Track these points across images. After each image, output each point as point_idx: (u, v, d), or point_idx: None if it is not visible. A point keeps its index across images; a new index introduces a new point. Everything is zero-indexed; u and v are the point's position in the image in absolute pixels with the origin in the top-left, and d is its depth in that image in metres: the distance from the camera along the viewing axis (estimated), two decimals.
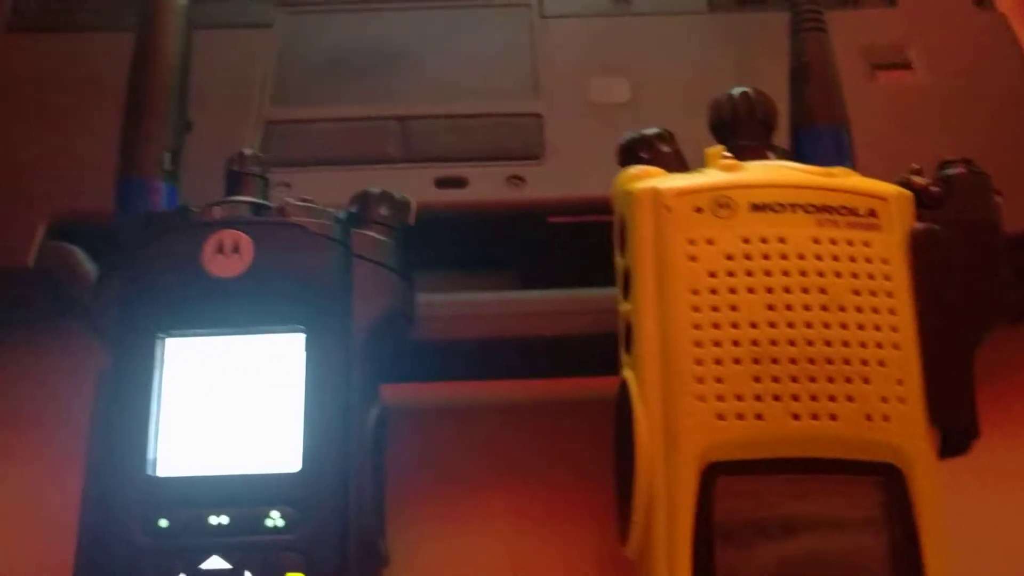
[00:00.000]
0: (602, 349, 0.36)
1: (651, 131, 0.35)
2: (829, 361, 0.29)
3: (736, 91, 0.35)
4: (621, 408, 0.31)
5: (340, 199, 0.37)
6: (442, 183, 0.41)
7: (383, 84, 0.45)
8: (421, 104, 0.44)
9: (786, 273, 0.30)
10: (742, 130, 0.34)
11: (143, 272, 0.33)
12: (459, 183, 0.41)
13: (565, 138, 0.43)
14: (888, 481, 0.29)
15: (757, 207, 0.30)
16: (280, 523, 0.30)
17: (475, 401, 0.40)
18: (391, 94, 0.44)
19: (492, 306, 0.38)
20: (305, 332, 0.32)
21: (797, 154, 0.35)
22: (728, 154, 0.32)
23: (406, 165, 0.42)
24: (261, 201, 0.34)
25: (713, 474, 0.29)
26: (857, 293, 0.30)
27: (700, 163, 0.35)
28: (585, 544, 0.38)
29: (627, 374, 0.31)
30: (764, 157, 0.33)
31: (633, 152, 0.35)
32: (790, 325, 0.29)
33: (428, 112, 0.44)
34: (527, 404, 0.41)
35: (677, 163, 0.34)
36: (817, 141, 0.35)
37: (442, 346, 0.37)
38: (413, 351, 0.37)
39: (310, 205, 0.34)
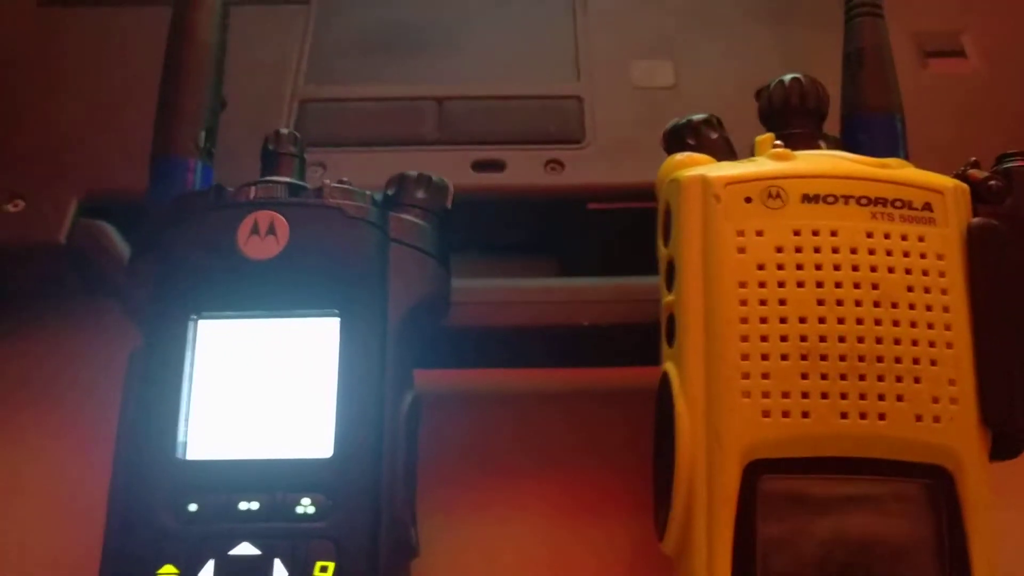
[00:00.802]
0: (640, 339, 0.36)
1: (698, 117, 0.34)
2: (879, 359, 0.28)
3: (787, 78, 0.34)
4: (662, 401, 0.30)
5: (375, 180, 0.36)
6: (479, 166, 0.41)
7: (420, 63, 0.44)
8: (459, 84, 0.43)
9: (837, 267, 0.29)
10: (793, 118, 0.33)
11: (177, 252, 0.32)
12: (497, 166, 0.41)
13: (606, 122, 0.42)
14: (937, 484, 0.28)
15: (809, 198, 0.29)
16: (311, 510, 0.30)
17: (509, 389, 0.40)
18: (428, 73, 0.44)
19: (528, 293, 0.37)
20: (340, 316, 0.32)
21: (849, 143, 0.34)
22: (779, 143, 0.31)
23: (443, 147, 0.41)
24: (298, 182, 0.34)
25: (756, 472, 0.28)
26: (910, 289, 0.29)
27: (747, 151, 0.34)
28: (617, 537, 0.37)
29: (669, 367, 0.30)
30: (816, 146, 0.32)
31: (679, 138, 0.34)
32: (840, 321, 0.28)
33: (466, 93, 0.43)
34: (562, 393, 0.40)
35: (725, 150, 0.33)
36: (870, 130, 0.34)
37: (477, 333, 0.37)
38: (447, 337, 0.36)
39: (348, 187, 0.33)
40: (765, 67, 0.43)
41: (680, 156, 0.33)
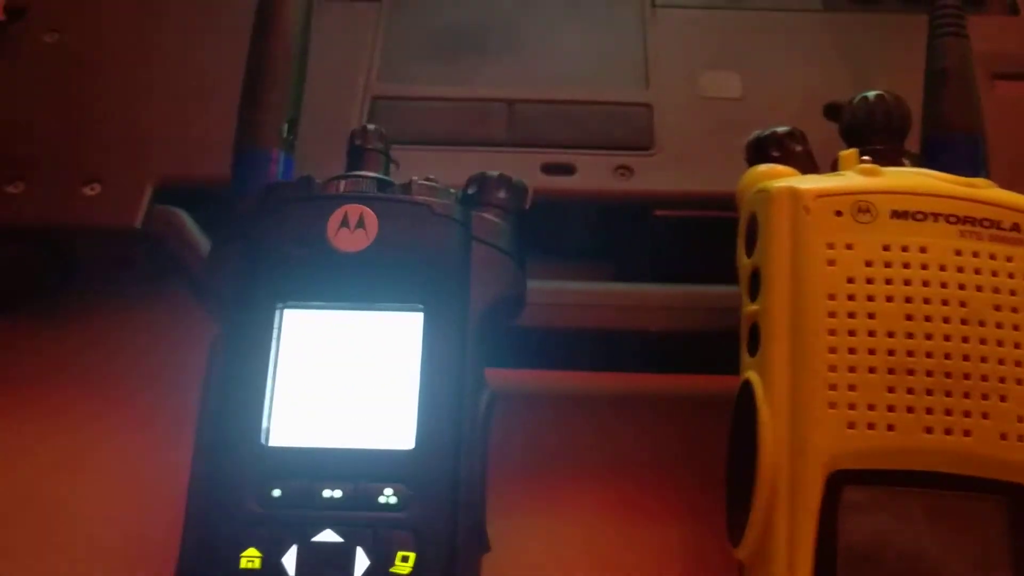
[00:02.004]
0: (709, 347, 0.36)
1: (782, 129, 0.34)
2: (966, 376, 0.29)
3: (872, 94, 0.34)
4: (742, 410, 0.31)
5: (446, 179, 0.37)
6: (549, 169, 0.41)
7: (491, 65, 0.44)
8: (529, 88, 0.43)
9: (926, 284, 0.29)
10: (876, 135, 0.33)
11: (265, 241, 0.33)
12: (567, 170, 0.41)
13: (674, 131, 0.42)
14: (1018, 502, 0.28)
15: (898, 214, 0.30)
16: (393, 500, 0.30)
17: (573, 391, 0.40)
18: (498, 76, 0.44)
19: (598, 296, 0.38)
20: (424, 311, 0.32)
21: (930, 161, 0.34)
22: (867, 158, 0.32)
23: (512, 149, 0.42)
24: (385, 177, 0.34)
25: (839, 482, 0.28)
26: (998, 308, 0.29)
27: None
28: (674, 541, 0.37)
29: (751, 376, 0.31)
30: (900, 163, 0.33)
31: (763, 149, 0.34)
32: (928, 337, 0.29)
33: (536, 96, 0.43)
34: (625, 397, 0.40)
35: (809, 164, 0.34)
36: (952, 149, 0.35)
37: (546, 334, 0.37)
38: (516, 337, 0.36)
39: (434, 184, 0.34)
40: (832, 82, 0.43)
41: (764, 167, 0.33)
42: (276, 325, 0.32)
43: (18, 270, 0.40)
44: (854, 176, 0.31)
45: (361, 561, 0.29)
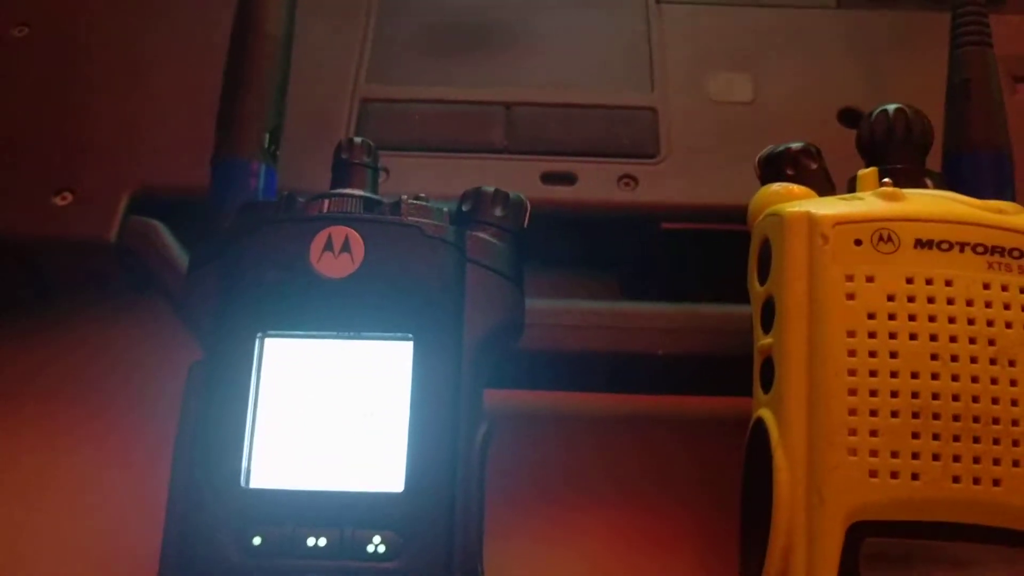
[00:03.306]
0: (720, 370, 0.34)
1: (796, 145, 0.32)
2: (995, 420, 0.27)
3: (891, 108, 0.32)
4: (755, 449, 0.29)
5: (439, 187, 0.35)
6: (549, 178, 0.39)
7: (488, 65, 0.42)
8: (528, 90, 0.41)
9: (952, 320, 0.27)
10: (896, 151, 0.31)
11: (244, 265, 0.30)
12: (568, 179, 0.39)
13: (682, 137, 0.40)
14: None
15: (922, 244, 0.28)
16: (382, 549, 0.28)
17: (575, 412, 0.38)
18: (495, 77, 0.42)
19: (601, 317, 0.36)
20: (413, 340, 0.30)
21: (952, 181, 0.32)
22: (887, 180, 0.30)
23: (511, 156, 0.39)
24: (373, 195, 0.32)
25: (860, 533, 0.27)
26: None
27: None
28: (682, 569, 0.35)
29: (765, 414, 0.29)
30: (922, 184, 0.31)
31: (776, 167, 0.32)
32: (955, 378, 0.27)
33: (535, 99, 0.41)
34: (631, 419, 0.38)
35: (825, 183, 0.31)
36: (976, 169, 0.32)
37: (547, 355, 0.35)
38: (516, 358, 0.34)
39: (425, 204, 0.31)
40: (848, 84, 0.41)
41: (777, 187, 0.31)
42: (256, 355, 0.30)
43: None
44: (874, 200, 0.29)
45: None
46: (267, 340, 0.30)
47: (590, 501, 0.37)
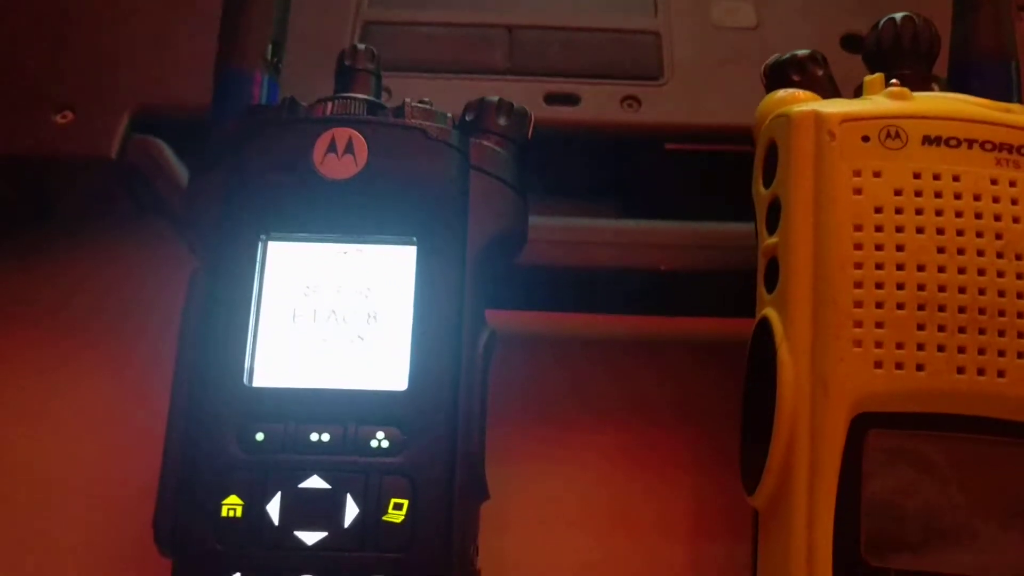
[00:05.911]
0: (723, 288, 0.34)
1: (803, 52, 0.32)
2: (1001, 313, 0.27)
3: (899, 16, 0.32)
4: (758, 350, 0.29)
5: (441, 109, 0.34)
6: (552, 99, 0.39)
7: None
8: (532, 13, 0.41)
9: (959, 214, 0.27)
10: (903, 60, 0.31)
11: (247, 168, 0.30)
12: (571, 100, 0.39)
13: (685, 60, 0.40)
14: None
15: (930, 140, 0.28)
16: (385, 444, 0.28)
17: (576, 332, 0.38)
18: (498, 0, 0.41)
19: (604, 234, 0.36)
20: (417, 244, 0.30)
21: (958, 88, 0.32)
22: (895, 81, 0.30)
23: (514, 77, 0.39)
24: (376, 99, 0.32)
25: (863, 426, 0.27)
26: None
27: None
28: (681, 487, 0.36)
29: (769, 313, 0.28)
30: (929, 89, 0.30)
31: (782, 74, 0.32)
32: (961, 271, 0.27)
33: (539, 23, 0.41)
34: (633, 340, 0.38)
35: (831, 89, 0.31)
36: (983, 76, 0.32)
37: (549, 273, 0.35)
38: (518, 276, 0.34)
39: (430, 108, 0.31)
40: (851, 13, 0.41)
41: (784, 92, 0.31)
42: (259, 258, 0.30)
43: None
44: (882, 100, 0.29)
45: (351, 509, 0.27)
46: (270, 243, 0.30)
47: (589, 422, 0.37)
